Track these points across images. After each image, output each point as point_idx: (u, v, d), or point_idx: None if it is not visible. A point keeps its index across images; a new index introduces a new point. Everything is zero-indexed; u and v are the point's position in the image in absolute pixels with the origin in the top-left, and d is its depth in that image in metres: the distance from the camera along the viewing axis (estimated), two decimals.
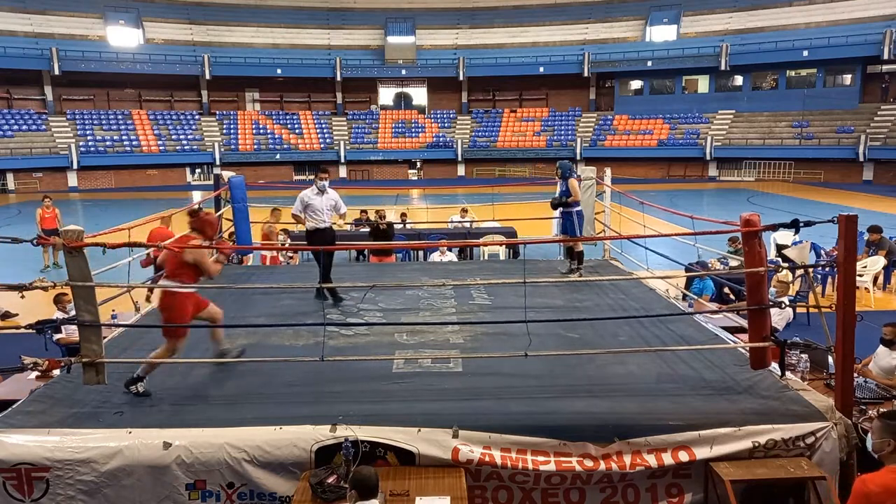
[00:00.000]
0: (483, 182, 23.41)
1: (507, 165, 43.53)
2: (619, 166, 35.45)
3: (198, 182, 41.64)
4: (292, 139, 43.69)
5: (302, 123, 44.88)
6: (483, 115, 46.73)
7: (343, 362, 5.24)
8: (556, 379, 5.12)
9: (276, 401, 4.79)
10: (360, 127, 45.52)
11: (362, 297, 7.17)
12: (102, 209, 27.90)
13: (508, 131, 44.94)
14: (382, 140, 44.55)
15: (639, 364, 5.36)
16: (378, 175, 43.16)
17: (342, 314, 6.84)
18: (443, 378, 5.17)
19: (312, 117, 45.45)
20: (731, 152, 40.08)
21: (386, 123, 45.77)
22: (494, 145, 44.12)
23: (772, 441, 4.31)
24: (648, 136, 42.38)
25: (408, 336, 6.09)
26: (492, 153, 43.75)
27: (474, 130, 45.56)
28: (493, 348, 5.72)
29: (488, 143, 44.23)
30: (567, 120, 45.32)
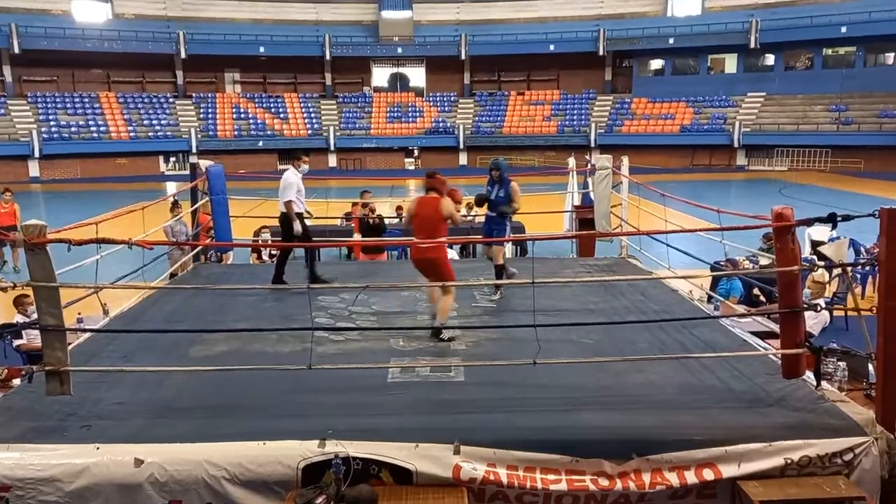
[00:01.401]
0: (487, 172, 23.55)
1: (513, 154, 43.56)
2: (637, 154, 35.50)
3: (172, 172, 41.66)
4: (276, 125, 43.73)
5: (287, 107, 44.91)
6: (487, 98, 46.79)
7: (333, 371, 5.24)
8: (567, 389, 5.13)
9: (259, 413, 4.80)
10: (351, 111, 45.56)
11: (354, 299, 7.17)
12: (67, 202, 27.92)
13: (515, 116, 44.98)
14: (376, 126, 44.60)
15: (659, 373, 5.36)
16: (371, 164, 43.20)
17: (331, 318, 6.85)
18: (443, 388, 5.18)
19: (299, 101, 45.48)
20: (761, 139, 40.05)
21: (380, 107, 45.79)
22: (500, 131, 44.17)
23: (806, 458, 4.31)
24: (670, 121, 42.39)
25: (404, 342, 6.10)
26: (497, 140, 43.78)
27: (478, 115, 45.60)
28: (498, 355, 5.72)
29: (493, 130, 44.28)
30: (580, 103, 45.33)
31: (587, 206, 11.80)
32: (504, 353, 5.81)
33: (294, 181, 7.79)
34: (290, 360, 5.48)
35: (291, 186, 7.78)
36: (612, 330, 6.23)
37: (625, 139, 40.78)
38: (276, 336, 6.15)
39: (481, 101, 46.48)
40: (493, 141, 43.77)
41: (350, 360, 5.60)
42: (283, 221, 8.00)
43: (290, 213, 7.83)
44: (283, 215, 7.98)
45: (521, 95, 46.20)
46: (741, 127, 40.44)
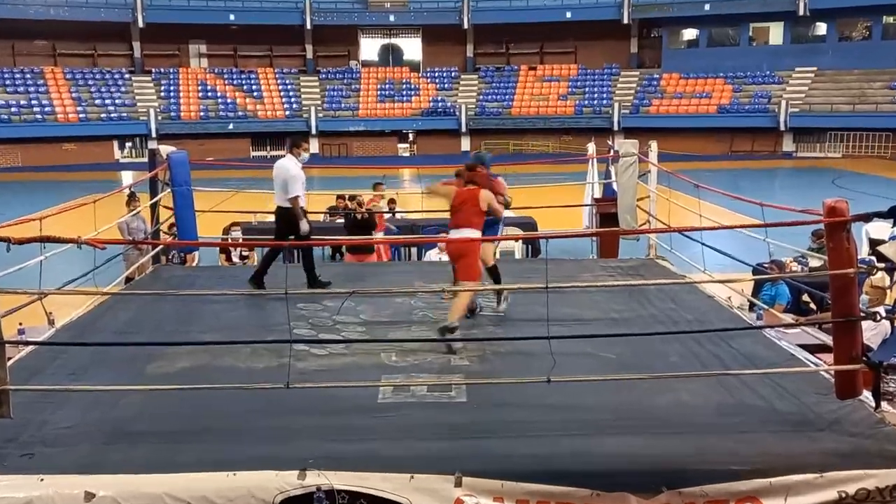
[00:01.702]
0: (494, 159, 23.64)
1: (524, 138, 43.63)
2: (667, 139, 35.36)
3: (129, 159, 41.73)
4: (249, 105, 43.81)
5: (262, 84, 44.99)
6: (494, 73, 46.86)
7: (314, 390, 5.23)
8: (587, 411, 5.13)
9: (228, 439, 4.80)
10: (336, 89, 45.63)
11: (339, 307, 7.18)
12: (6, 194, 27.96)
13: (526, 94, 45.06)
14: (365, 106, 44.67)
15: (693, 392, 5.36)
16: (359, 150, 43.29)
17: (313, 328, 6.85)
18: (442, 410, 5.18)
19: (275, 76, 45.56)
20: (811, 121, 40.04)
21: (369, 84, 45.87)
22: (508, 112, 44.23)
23: (864, 491, 4.30)
24: (706, 100, 42.46)
25: (397, 357, 6.10)
26: (505, 122, 43.85)
27: (482, 93, 45.67)
28: (506, 372, 5.72)
29: (500, 110, 44.35)
30: (601, 80, 45.41)
31: (609, 199, 11.81)
32: (513, 369, 5.80)
33: (298, 173, 7.89)
34: (264, 378, 5.48)
35: (296, 179, 7.88)
36: (639, 342, 6.22)
37: (653, 121, 40.83)
38: (249, 350, 6.15)
39: (487, 78, 46.54)
40: (501, 123, 43.80)
41: (334, 378, 5.60)
42: (283, 218, 8.07)
43: (296, 210, 7.94)
44: (282, 211, 8.05)
45: (532, 70, 46.26)
46: (788, 107, 40.45)
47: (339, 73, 46.50)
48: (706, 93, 42.95)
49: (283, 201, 8.00)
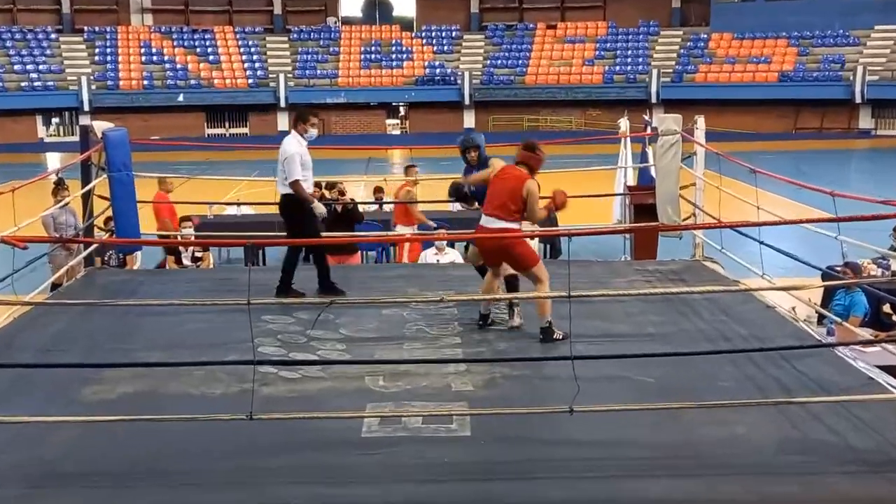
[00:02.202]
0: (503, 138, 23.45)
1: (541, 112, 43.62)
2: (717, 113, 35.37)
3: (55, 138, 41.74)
4: (204, 71, 43.81)
5: (219, 46, 45.02)
6: (504, 32, 46.87)
7: (284, 422, 5.24)
8: (618, 448, 5.13)
9: (179, 482, 4.80)
10: (310, 52, 45.65)
11: (314, 320, 7.18)
12: None
13: (544, 59, 45.07)
14: (346, 72, 44.69)
15: (749, 424, 5.37)
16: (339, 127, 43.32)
17: (282, 346, 6.86)
18: (441, 446, 5.18)
19: (235, 37, 45.58)
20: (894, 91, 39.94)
21: (352, 47, 45.89)
22: (521, 81, 44.24)
23: None
24: (764, 66, 42.49)
25: (386, 381, 6.10)
26: (518, 93, 43.86)
27: (490, 57, 45.68)
28: (519, 400, 5.72)
29: (512, 78, 44.36)
30: (636, 41, 45.44)
31: (646, 188, 11.80)
32: (528, 396, 5.79)
33: (297, 151, 7.88)
34: (223, 407, 5.49)
35: (294, 159, 7.86)
36: (682, 364, 6.21)
37: (700, 91, 40.82)
38: (204, 372, 6.15)
39: (495, 38, 46.55)
40: (513, 94, 43.82)
41: (309, 407, 5.59)
42: (285, 208, 8.09)
43: (301, 195, 7.94)
44: (284, 200, 8.07)
45: (552, 29, 46.29)
46: (865, 74, 40.44)
47: (313, 33, 46.51)
48: (764, 57, 42.95)
49: (283, 187, 8.02)
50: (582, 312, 7.36)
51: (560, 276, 8.46)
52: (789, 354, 6.40)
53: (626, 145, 14.05)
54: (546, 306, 6.84)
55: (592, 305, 7.70)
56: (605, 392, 5.72)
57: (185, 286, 9.10)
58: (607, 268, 9.90)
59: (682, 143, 10.19)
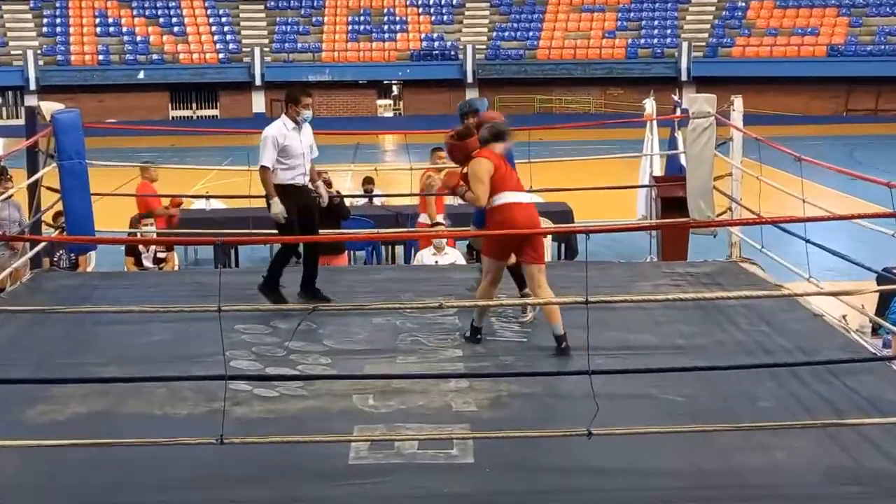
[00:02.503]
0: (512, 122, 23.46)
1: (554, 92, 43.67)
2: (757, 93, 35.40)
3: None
4: (168, 44, 43.85)
5: (185, 16, 45.04)
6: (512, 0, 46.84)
7: (259, 447, 5.22)
8: (643, 477, 5.11)
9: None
10: (289, 22, 45.71)
11: (294, 330, 7.16)
12: None
13: (557, 31, 45.14)
14: (330, 46, 44.74)
15: (793, 450, 5.35)
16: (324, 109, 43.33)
17: (258, 359, 6.84)
18: (440, 475, 5.16)
19: (204, 5, 45.59)
20: None
21: (337, 16, 45.93)
22: (532, 55, 44.30)
23: None
24: (811, 38, 42.52)
25: (376, 399, 6.08)
26: (528, 69, 43.92)
27: (496, 28, 45.74)
28: (529, 421, 5.70)
29: (522, 52, 44.41)
30: (664, 9, 45.50)
31: (675, 178, 11.78)
32: (540, 417, 5.78)
33: (274, 134, 7.87)
34: (189, 430, 5.47)
35: (265, 142, 7.87)
36: (717, 380, 6.21)
37: (736, 68, 40.89)
38: (168, 389, 6.13)
39: (503, 7, 46.60)
40: (522, 70, 43.87)
41: (288, 430, 5.57)
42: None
43: (264, 185, 7.94)
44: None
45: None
46: None
47: (293, 1, 46.50)
48: (811, 28, 42.97)
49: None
50: (602, 321, 7.33)
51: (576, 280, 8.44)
52: (839, 369, 6.38)
53: (652, 130, 14.05)
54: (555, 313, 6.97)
55: (613, 313, 7.68)
56: (628, 412, 5.70)
57: (146, 291, 9.07)
58: (631, 270, 9.88)
59: (716, 126, 10.18)
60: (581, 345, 6.51)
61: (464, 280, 9.20)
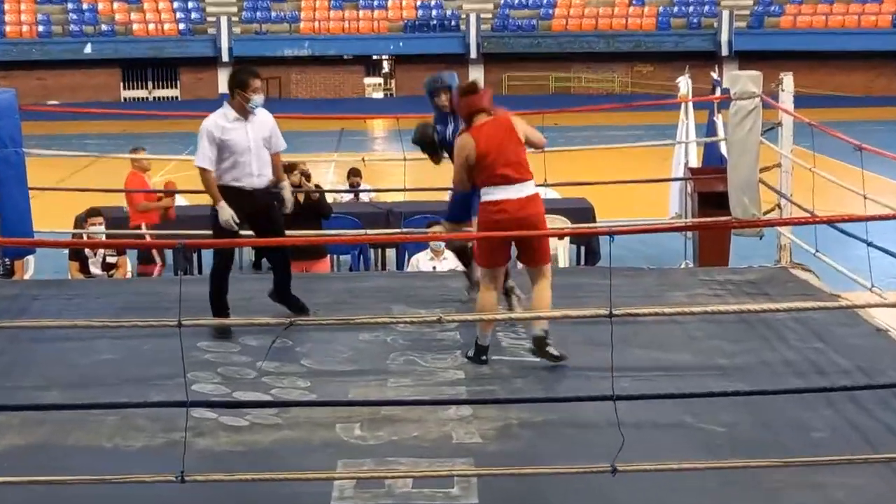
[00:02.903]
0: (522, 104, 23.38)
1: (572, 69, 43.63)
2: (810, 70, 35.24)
3: None
4: (119, 14, 43.82)
5: None
6: None
7: (226, 485, 5.22)
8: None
9: None
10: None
11: (268, 349, 7.17)
12: None
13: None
14: (310, 15, 44.68)
15: (853, 488, 5.36)
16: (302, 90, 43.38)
17: (225, 382, 6.85)
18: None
19: None
20: None
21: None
22: (547, 26, 44.28)
23: None
24: (873, 5, 42.47)
25: (364, 429, 6.11)
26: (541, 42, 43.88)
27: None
28: (543, 455, 5.71)
29: (534, 23, 44.38)
30: None
31: (714, 170, 11.80)
32: (555, 450, 5.79)
33: (207, 127, 7.82)
34: (144, 465, 5.47)
35: (201, 136, 7.82)
36: (763, 406, 6.22)
37: (784, 41, 40.87)
38: (120, 418, 6.13)
39: None
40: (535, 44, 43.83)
41: (259, 465, 5.59)
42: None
43: (207, 189, 7.88)
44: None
45: None
46: None
47: None
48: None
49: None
50: (628, 336, 7.38)
51: (598, 289, 8.50)
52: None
53: (687, 113, 14.08)
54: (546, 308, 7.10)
55: (642, 327, 7.71)
56: (659, 444, 5.73)
57: (94, 302, 9.09)
58: (662, 277, 9.89)
59: (762, 109, 10.19)
60: (604, 365, 6.53)
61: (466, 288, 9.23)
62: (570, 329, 7.71)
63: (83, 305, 8.94)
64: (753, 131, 10.14)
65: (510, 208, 6.99)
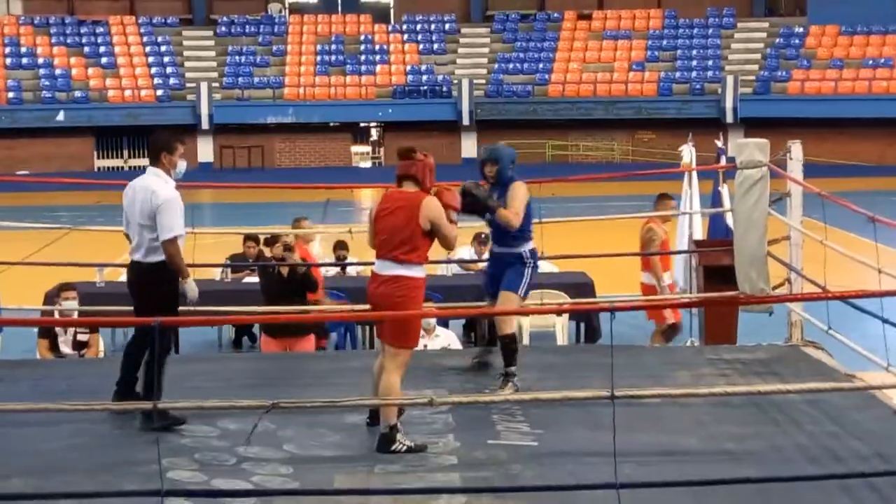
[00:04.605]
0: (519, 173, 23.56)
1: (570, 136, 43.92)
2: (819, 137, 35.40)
3: None
4: (95, 78, 44.03)
5: (116, 44, 45.34)
6: (518, 25, 47.38)
7: None
8: None
9: None
10: (244, 52, 46.03)
11: (250, 433, 7.14)
12: None
13: (574, 61, 45.50)
14: (295, 80, 44.95)
15: None
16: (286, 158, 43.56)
17: (202, 469, 6.81)
18: None
19: (139, 31, 45.95)
20: None
21: (303, 44, 46.30)
22: (543, 92, 44.56)
23: None
24: (883, 70, 42.87)
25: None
26: (538, 108, 44.12)
27: (499, 59, 46.09)
28: None
29: (530, 88, 44.68)
30: (703, 36, 46.01)
31: (720, 242, 11.82)
32: None
33: (175, 196, 7.81)
34: None
35: (173, 207, 7.76)
36: (775, 493, 6.18)
37: (793, 108, 41.16)
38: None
39: (506, 33, 47.10)
40: (531, 110, 44.08)
41: None
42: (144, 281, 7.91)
43: (176, 262, 7.79)
44: (141, 269, 7.93)
45: (585, 20, 46.87)
46: None
47: (249, 26, 47.00)
48: (885, 59, 43.39)
49: (146, 251, 7.85)
50: (631, 419, 7.35)
51: (598, 368, 8.50)
52: None
53: (691, 183, 14.12)
54: (391, 395, 7.14)
55: (646, 409, 7.69)
56: None
57: (63, 383, 9.02)
58: (666, 356, 9.89)
59: (769, 179, 10.24)
60: (606, 450, 6.51)
61: (460, 368, 9.21)
62: (569, 410, 7.69)
63: (51, 386, 8.88)
64: (761, 202, 10.17)
65: (370, 282, 7.47)
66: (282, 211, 22.05)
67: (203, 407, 7.66)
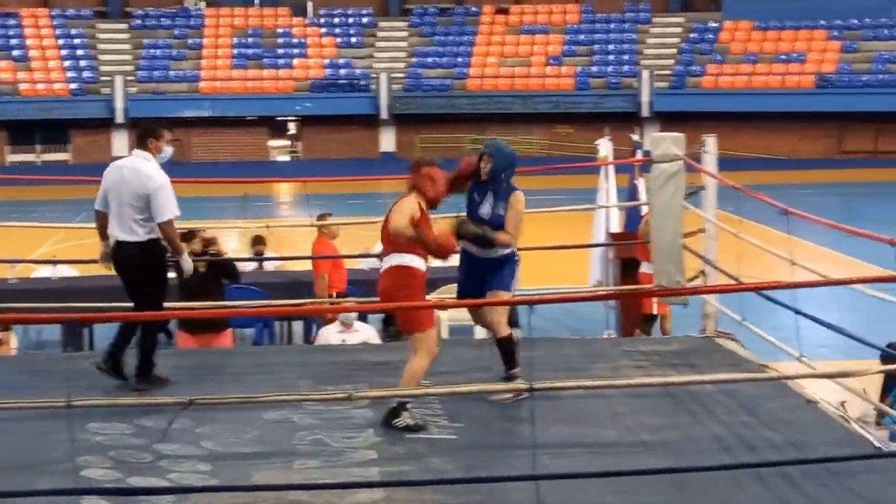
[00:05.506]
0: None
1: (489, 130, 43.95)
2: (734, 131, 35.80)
3: None
4: (6, 72, 43.36)
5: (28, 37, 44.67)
6: (436, 19, 47.39)
7: None
8: None
9: None
10: (160, 45, 45.57)
11: (166, 429, 7.08)
12: None
13: (492, 55, 45.60)
14: (211, 73, 44.60)
15: None
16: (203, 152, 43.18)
17: (117, 467, 6.75)
18: None
19: (52, 23, 45.31)
20: None
21: (219, 37, 45.94)
22: (461, 86, 44.63)
23: None
24: (796, 65, 43.48)
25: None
26: (455, 103, 44.18)
27: (417, 53, 46.08)
28: None
29: (448, 82, 44.74)
30: (620, 31, 46.34)
31: (636, 235, 11.93)
32: None
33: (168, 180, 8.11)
34: None
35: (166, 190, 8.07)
36: (690, 483, 6.24)
37: (708, 102, 41.61)
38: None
39: (424, 27, 47.08)
40: (449, 104, 44.12)
41: None
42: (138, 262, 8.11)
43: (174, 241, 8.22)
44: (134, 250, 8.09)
45: (502, 15, 46.97)
46: None
47: (164, 18, 46.53)
48: (797, 54, 44.01)
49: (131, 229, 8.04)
50: (549, 412, 7.38)
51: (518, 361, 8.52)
52: (838, 468, 6.44)
53: (607, 176, 14.23)
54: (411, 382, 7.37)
55: (564, 402, 7.70)
56: None
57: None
58: (584, 348, 9.94)
59: (685, 173, 10.32)
60: (525, 442, 6.54)
61: (379, 363, 9.18)
62: (488, 404, 7.72)
63: None
64: (676, 195, 10.23)
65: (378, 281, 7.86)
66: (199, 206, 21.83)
67: (118, 404, 7.59)
